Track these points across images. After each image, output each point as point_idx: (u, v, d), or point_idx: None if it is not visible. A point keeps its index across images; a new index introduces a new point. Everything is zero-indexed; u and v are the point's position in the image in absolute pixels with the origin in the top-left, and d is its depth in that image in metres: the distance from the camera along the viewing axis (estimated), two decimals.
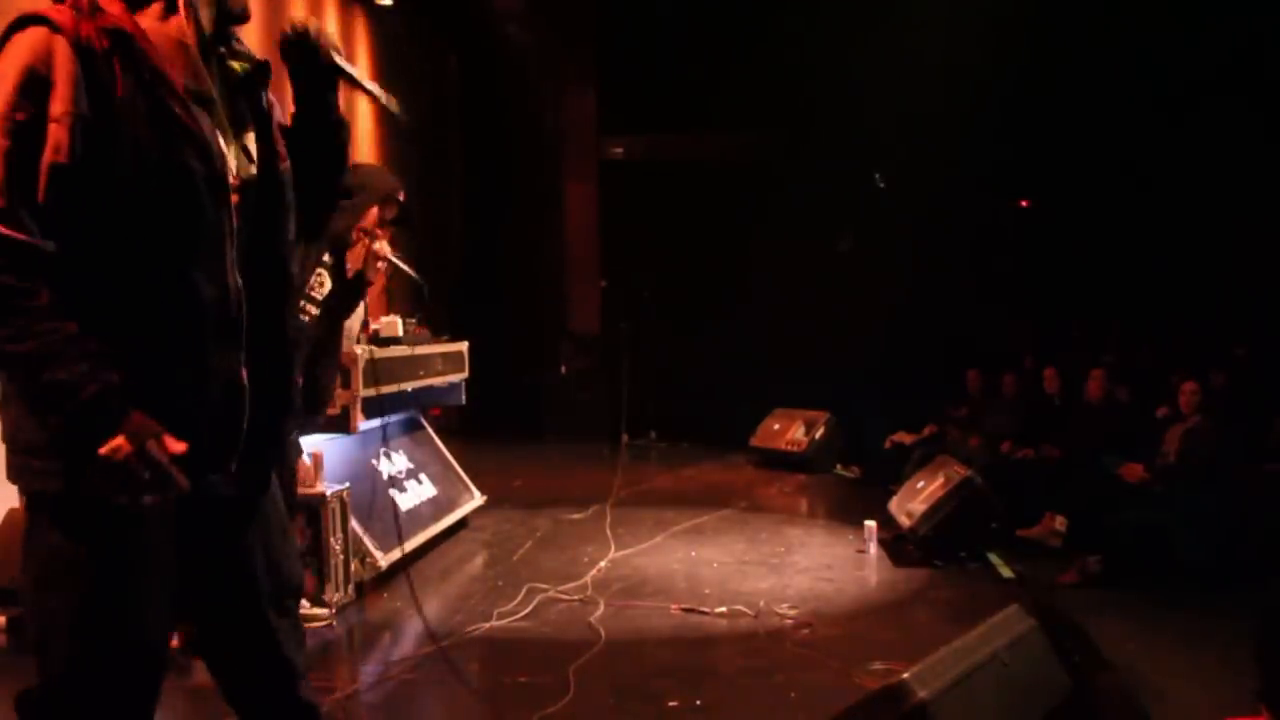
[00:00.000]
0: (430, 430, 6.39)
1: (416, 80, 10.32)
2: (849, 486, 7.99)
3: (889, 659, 3.68)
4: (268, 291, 1.78)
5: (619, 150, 11.44)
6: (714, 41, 10.26)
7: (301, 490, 4.41)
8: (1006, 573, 5.16)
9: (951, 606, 4.69)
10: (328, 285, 3.78)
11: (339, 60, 1.98)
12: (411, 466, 5.76)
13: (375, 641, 4.19)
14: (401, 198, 3.91)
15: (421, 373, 5.48)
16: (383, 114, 9.49)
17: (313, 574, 4.35)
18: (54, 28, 1.59)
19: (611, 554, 5.50)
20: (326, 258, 3.77)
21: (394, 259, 3.91)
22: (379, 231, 3.81)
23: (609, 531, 5.98)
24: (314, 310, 3.77)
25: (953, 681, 2.34)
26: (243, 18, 1.83)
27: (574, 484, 7.68)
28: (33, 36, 1.59)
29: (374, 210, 3.78)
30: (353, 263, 3.86)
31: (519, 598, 4.57)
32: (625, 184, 11.12)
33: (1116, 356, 7.61)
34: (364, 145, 9.20)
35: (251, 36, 6.22)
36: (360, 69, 9.15)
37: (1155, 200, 9.32)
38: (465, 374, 6.20)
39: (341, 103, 2.01)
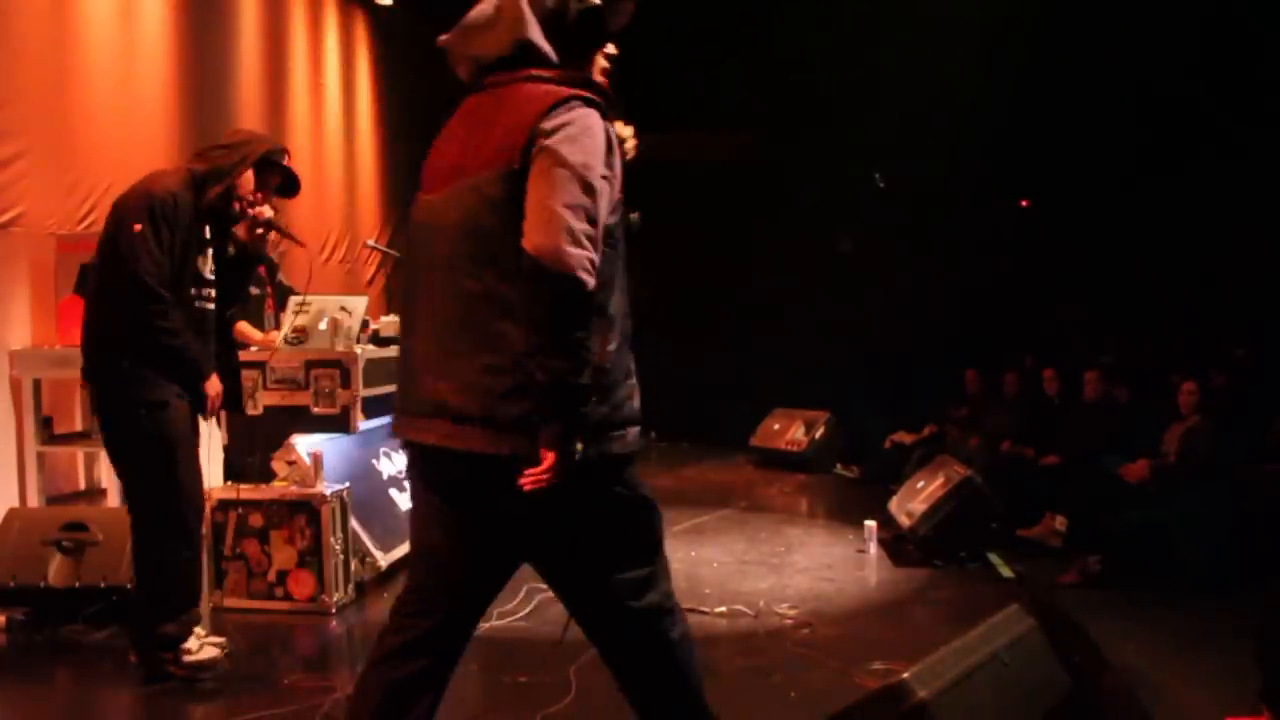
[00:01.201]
0: None
1: (416, 80, 10.31)
2: (849, 486, 7.98)
3: (889, 659, 3.68)
4: None
5: None
6: (713, 41, 10.25)
7: (302, 490, 4.42)
8: (1006, 573, 5.16)
9: (951, 606, 4.69)
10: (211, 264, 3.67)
11: None
12: None
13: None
14: (286, 161, 3.74)
15: None
16: (383, 113, 9.49)
17: (313, 573, 4.36)
18: (600, 108, 2.11)
19: None
20: (206, 234, 3.62)
21: (277, 225, 3.75)
22: (257, 196, 3.66)
23: None
24: (213, 293, 3.66)
25: (953, 681, 2.34)
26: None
27: None
28: (594, 114, 2.09)
29: (249, 175, 3.63)
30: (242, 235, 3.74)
31: (519, 598, 4.56)
32: (625, 184, 11.10)
33: (1116, 357, 7.61)
34: (365, 145, 9.20)
35: (251, 36, 6.28)
36: (361, 70, 9.15)
37: (1155, 200, 9.32)
38: None
39: (338, 95, 2.08)
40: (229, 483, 4.69)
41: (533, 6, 2.17)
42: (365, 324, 5.06)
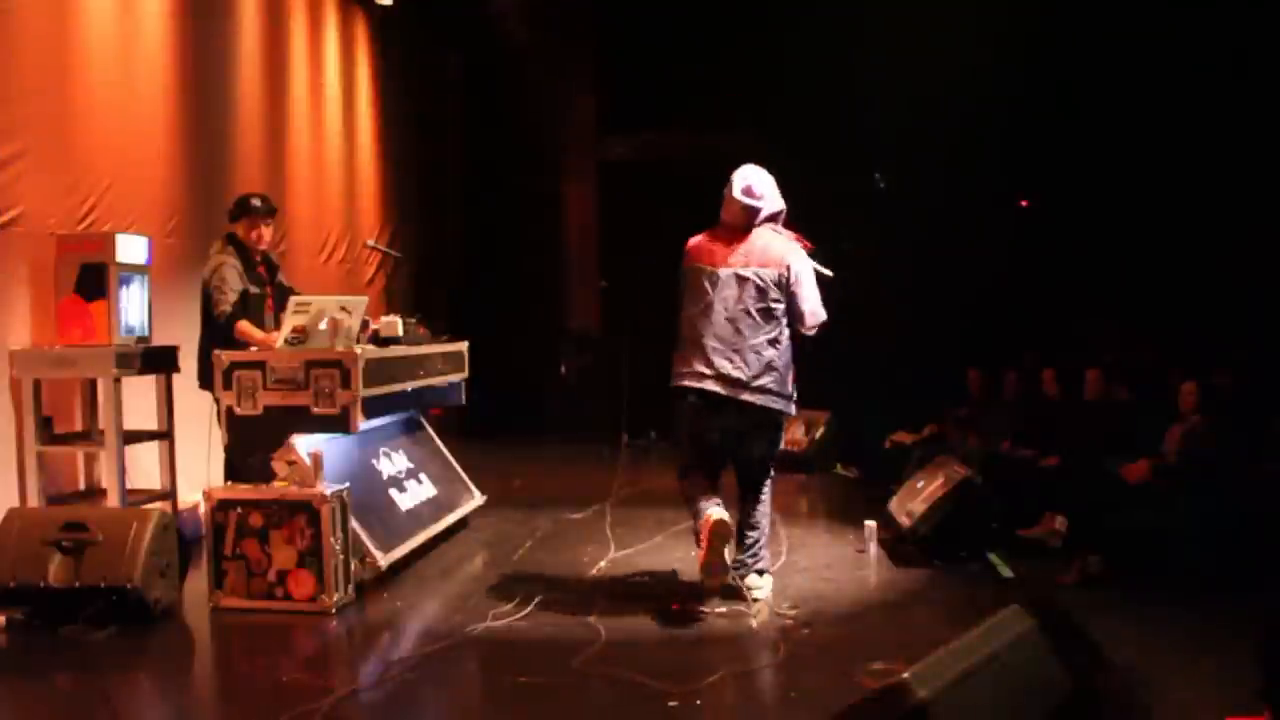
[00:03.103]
0: (430, 430, 6.39)
1: (416, 80, 10.31)
2: (849, 486, 7.99)
3: (889, 659, 3.68)
4: None
5: (619, 150, 11.42)
6: (714, 41, 10.24)
7: (302, 490, 4.42)
8: (1006, 573, 5.16)
9: (951, 606, 4.69)
10: None
11: None
12: (411, 466, 5.76)
13: (375, 641, 4.19)
14: None
15: (421, 373, 5.48)
16: (382, 112, 9.49)
17: (312, 574, 4.36)
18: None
19: (611, 554, 5.50)
20: None
21: None
22: None
23: (609, 531, 5.98)
24: None
25: (953, 681, 2.34)
26: None
27: (574, 484, 7.67)
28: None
29: None
30: None
31: (519, 598, 4.57)
32: (625, 184, 11.11)
33: (1116, 356, 7.60)
34: (364, 145, 9.20)
35: (250, 41, 6.35)
36: (361, 70, 9.15)
37: (1156, 200, 9.31)
38: (465, 374, 6.21)
39: (338, 95, 2.05)
40: (229, 483, 4.70)
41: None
42: (365, 324, 5.06)
